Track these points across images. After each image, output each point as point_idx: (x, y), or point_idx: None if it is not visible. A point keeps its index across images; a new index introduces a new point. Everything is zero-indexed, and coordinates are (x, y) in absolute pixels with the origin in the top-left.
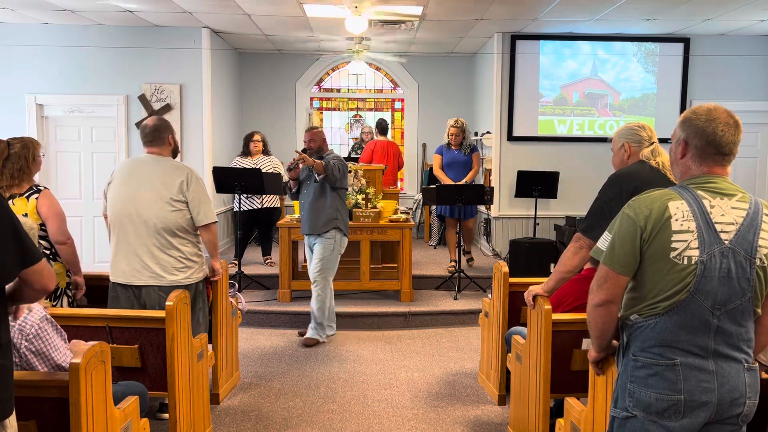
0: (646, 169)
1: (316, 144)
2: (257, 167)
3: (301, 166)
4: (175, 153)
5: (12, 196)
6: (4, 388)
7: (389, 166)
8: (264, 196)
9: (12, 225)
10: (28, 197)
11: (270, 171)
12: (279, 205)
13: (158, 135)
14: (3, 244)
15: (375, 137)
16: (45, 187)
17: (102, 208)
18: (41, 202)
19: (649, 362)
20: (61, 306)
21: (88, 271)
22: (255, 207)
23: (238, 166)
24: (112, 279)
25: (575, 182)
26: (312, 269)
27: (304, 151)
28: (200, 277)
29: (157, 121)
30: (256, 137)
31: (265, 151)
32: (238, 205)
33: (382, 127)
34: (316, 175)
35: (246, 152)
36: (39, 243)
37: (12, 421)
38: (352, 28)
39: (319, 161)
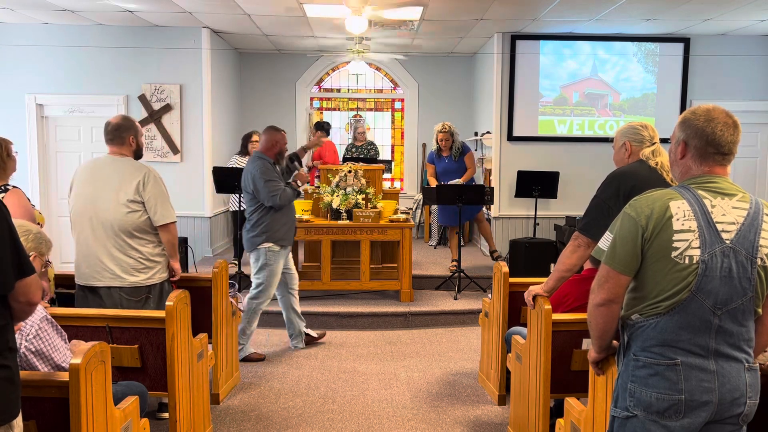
0: (644, 169)
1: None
2: None
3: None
4: (137, 154)
5: None
6: (12, 391)
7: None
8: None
9: (11, 236)
10: None
11: None
12: None
13: (118, 134)
14: (4, 256)
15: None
16: (15, 186)
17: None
18: (6, 200)
19: (649, 362)
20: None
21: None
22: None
23: (237, 166)
24: (75, 281)
25: (575, 182)
26: (295, 274)
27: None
28: (164, 277)
29: (121, 120)
30: (255, 137)
31: None
32: (237, 205)
33: (326, 129)
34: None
35: (244, 152)
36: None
37: (18, 422)
38: (352, 28)
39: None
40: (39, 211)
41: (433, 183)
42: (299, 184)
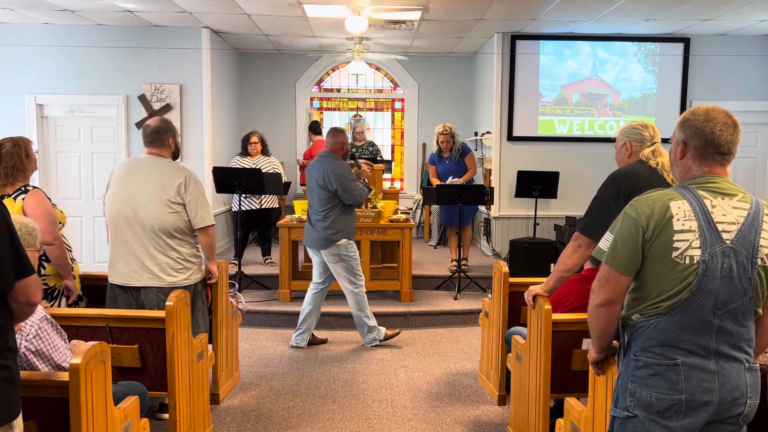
0: (645, 169)
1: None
2: (257, 167)
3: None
4: (175, 155)
5: (3, 196)
6: (12, 391)
7: None
8: (263, 196)
9: (11, 236)
10: (15, 198)
11: (269, 171)
12: (278, 206)
13: (158, 137)
14: (3, 256)
15: (312, 138)
16: (35, 187)
17: (102, 210)
18: (27, 202)
19: (650, 362)
20: (59, 306)
21: (88, 271)
22: (254, 207)
23: (238, 166)
24: (110, 280)
25: (575, 182)
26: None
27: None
28: (199, 278)
29: (160, 122)
30: (254, 138)
31: (264, 152)
32: (237, 205)
33: (315, 129)
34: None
35: (245, 153)
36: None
37: (18, 422)
38: (352, 28)
39: None
40: (60, 210)
41: (436, 184)
42: (366, 181)
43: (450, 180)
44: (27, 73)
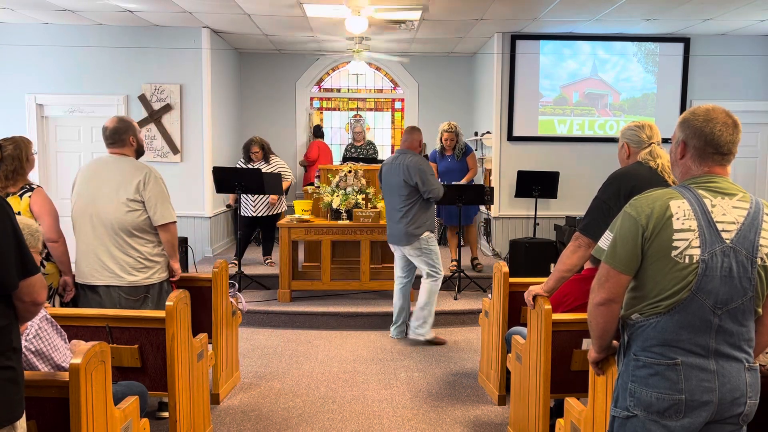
0: (644, 170)
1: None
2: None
3: None
4: (139, 152)
5: (6, 195)
6: (15, 392)
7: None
8: (274, 203)
9: (16, 236)
10: (21, 195)
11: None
12: (286, 209)
13: (118, 137)
14: (8, 255)
15: (312, 139)
16: (38, 186)
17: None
18: (34, 200)
19: (650, 362)
20: (53, 306)
21: None
22: (260, 214)
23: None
24: (75, 279)
25: (575, 182)
26: None
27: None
28: (164, 277)
29: (117, 122)
30: (254, 148)
31: (266, 157)
32: (246, 209)
33: (318, 132)
34: None
35: (248, 159)
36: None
37: (22, 423)
38: (352, 28)
39: None
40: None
41: None
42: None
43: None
44: (27, 73)
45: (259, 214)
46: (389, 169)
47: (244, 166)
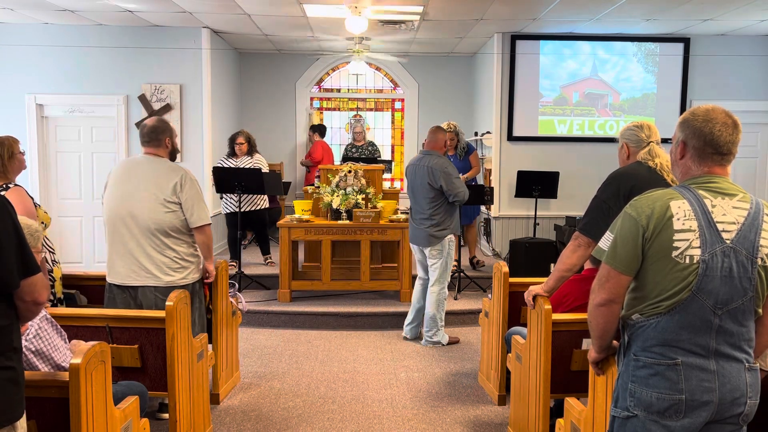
0: (644, 169)
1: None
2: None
3: None
4: (172, 155)
5: None
6: (16, 392)
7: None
8: (249, 198)
9: (18, 235)
10: None
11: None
12: (268, 206)
13: (155, 136)
14: (9, 254)
15: (314, 139)
16: (17, 185)
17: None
18: (8, 197)
19: (650, 362)
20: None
21: (88, 271)
22: (235, 210)
23: (226, 165)
24: (108, 280)
25: (575, 182)
26: None
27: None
28: (197, 278)
29: (156, 122)
30: (240, 139)
31: (250, 151)
32: (230, 206)
33: (323, 130)
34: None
35: (232, 152)
36: (44, 243)
37: (22, 423)
38: (352, 28)
39: None
40: (45, 211)
41: None
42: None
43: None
44: (27, 73)
45: (242, 209)
46: (414, 170)
47: (225, 164)
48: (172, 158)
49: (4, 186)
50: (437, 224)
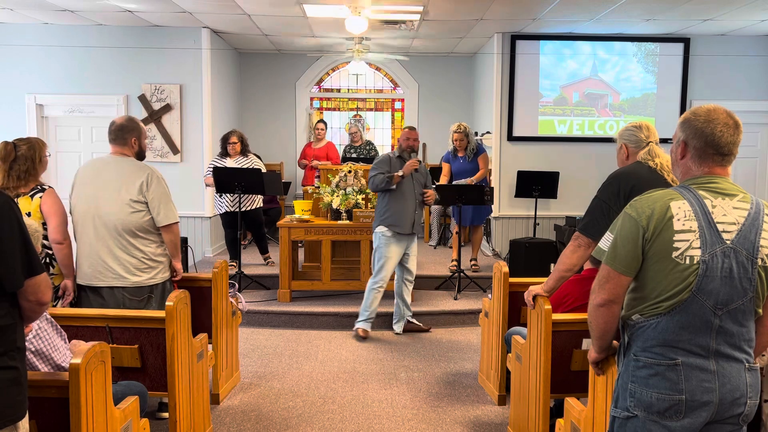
0: (644, 169)
1: (417, 144)
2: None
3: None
4: (139, 156)
5: (17, 195)
6: (18, 392)
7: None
8: (242, 198)
9: (23, 236)
10: (32, 196)
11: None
12: (261, 206)
13: (121, 135)
14: (14, 253)
15: (320, 139)
16: (50, 186)
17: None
18: (44, 200)
19: (650, 362)
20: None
21: None
22: (230, 210)
23: (217, 165)
24: (77, 281)
25: (575, 182)
26: (414, 265)
27: (409, 152)
28: (166, 277)
29: (125, 120)
30: (233, 138)
31: (243, 151)
32: (224, 206)
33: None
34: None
35: (224, 153)
36: (42, 244)
37: (24, 423)
38: (352, 28)
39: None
40: None
41: (443, 182)
42: (400, 174)
43: (462, 181)
44: (27, 73)
45: (235, 209)
46: None
47: (220, 162)
48: (140, 159)
49: (39, 188)
50: (375, 217)
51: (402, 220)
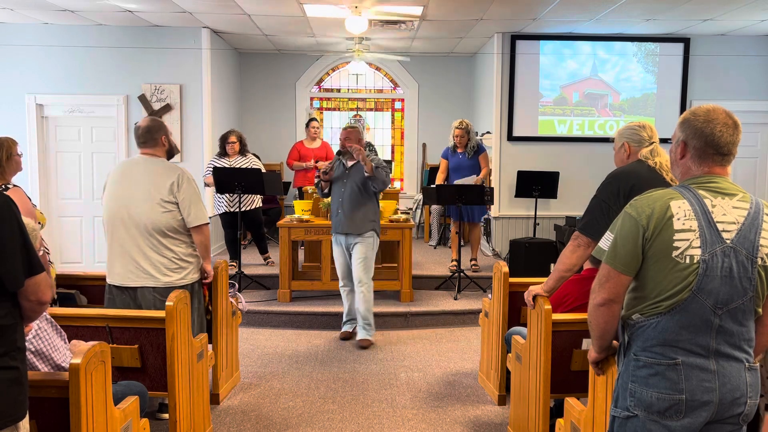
0: (644, 169)
1: (351, 143)
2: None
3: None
4: (170, 154)
5: None
6: (19, 392)
7: None
8: (243, 198)
9: (22, 235)
10: None
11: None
12: (260, 206)
13: (150, 136)
14: (14, 253)
15: (314, 138)
16: (16, 185)
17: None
18: None
19: (650, 362)
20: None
21: (88, 271)
22: (230, 210)
23: (217, 165)
24: (108, 281)
25: (575, 182)
26: (356, 269)
27: (339, 153)
28: (195, 278)
29: (150, 121)
30: (232, 138)
31: (242, 151)
32: (223, 207)
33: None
34: (365, 174)
35: (223, 153)
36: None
37: (25, 424)
38: (352, 28)
39: (369, 160)
40: (40, 211)
41: (440, 179)
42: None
43: (463, 180)
44: (27, 73)
45: (234, 209)
46: None
47: (217, 163)
48: (170, 156)
49: (3, 186)
50: None
51: (333, 220)
